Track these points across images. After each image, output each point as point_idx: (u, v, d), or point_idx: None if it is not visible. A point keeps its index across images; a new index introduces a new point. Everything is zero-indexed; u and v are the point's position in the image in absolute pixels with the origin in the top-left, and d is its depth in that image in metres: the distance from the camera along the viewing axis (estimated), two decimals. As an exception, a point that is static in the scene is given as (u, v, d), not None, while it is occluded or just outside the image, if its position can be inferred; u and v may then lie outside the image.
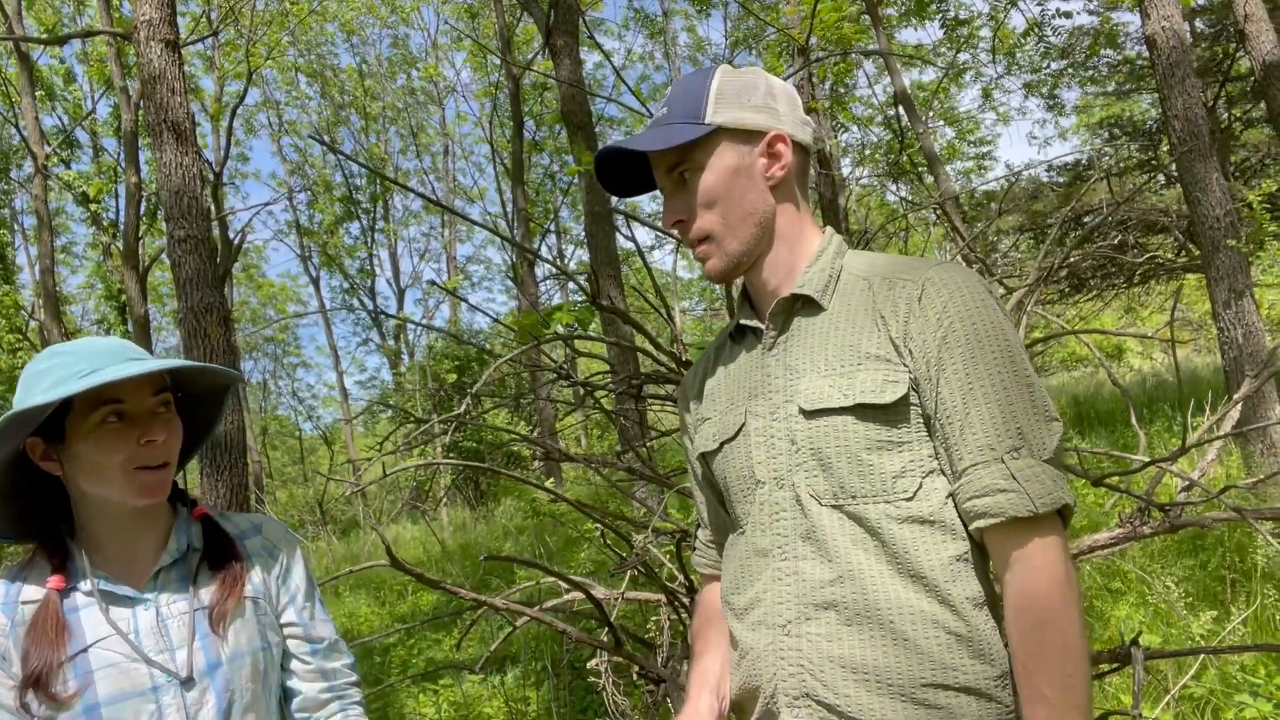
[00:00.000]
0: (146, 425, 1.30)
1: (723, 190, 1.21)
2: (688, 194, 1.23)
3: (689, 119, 1.21)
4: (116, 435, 1.28)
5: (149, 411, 1.32)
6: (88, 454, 1.28)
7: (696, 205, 1.22)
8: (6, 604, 1.28)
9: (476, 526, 12.50)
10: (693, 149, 1.21)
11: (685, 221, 1.24)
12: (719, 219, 1.22)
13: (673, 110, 1.24)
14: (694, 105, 1.22)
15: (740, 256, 1.23)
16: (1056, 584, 1.03)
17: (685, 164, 1.22)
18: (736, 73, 1.25)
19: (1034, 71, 14.76)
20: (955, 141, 19.30)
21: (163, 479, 1.32)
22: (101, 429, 1.28)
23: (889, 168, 13.66)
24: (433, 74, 25.74)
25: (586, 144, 7.29)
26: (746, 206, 1.22)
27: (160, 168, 5.23)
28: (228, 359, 5.18)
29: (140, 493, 1.30)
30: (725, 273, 1.25)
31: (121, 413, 1.29)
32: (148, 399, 1.32)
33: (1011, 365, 1.08)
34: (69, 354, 1.30)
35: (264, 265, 31.51)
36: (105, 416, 1.28)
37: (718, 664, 1.29)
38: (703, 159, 1.21)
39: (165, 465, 1.33)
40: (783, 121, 1.23)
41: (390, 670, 5.61)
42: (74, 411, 1.28)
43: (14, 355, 16.39)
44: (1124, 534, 2.52)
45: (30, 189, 13.95)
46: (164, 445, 1.32)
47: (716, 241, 1.23)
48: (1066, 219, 9.52)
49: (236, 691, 1.33)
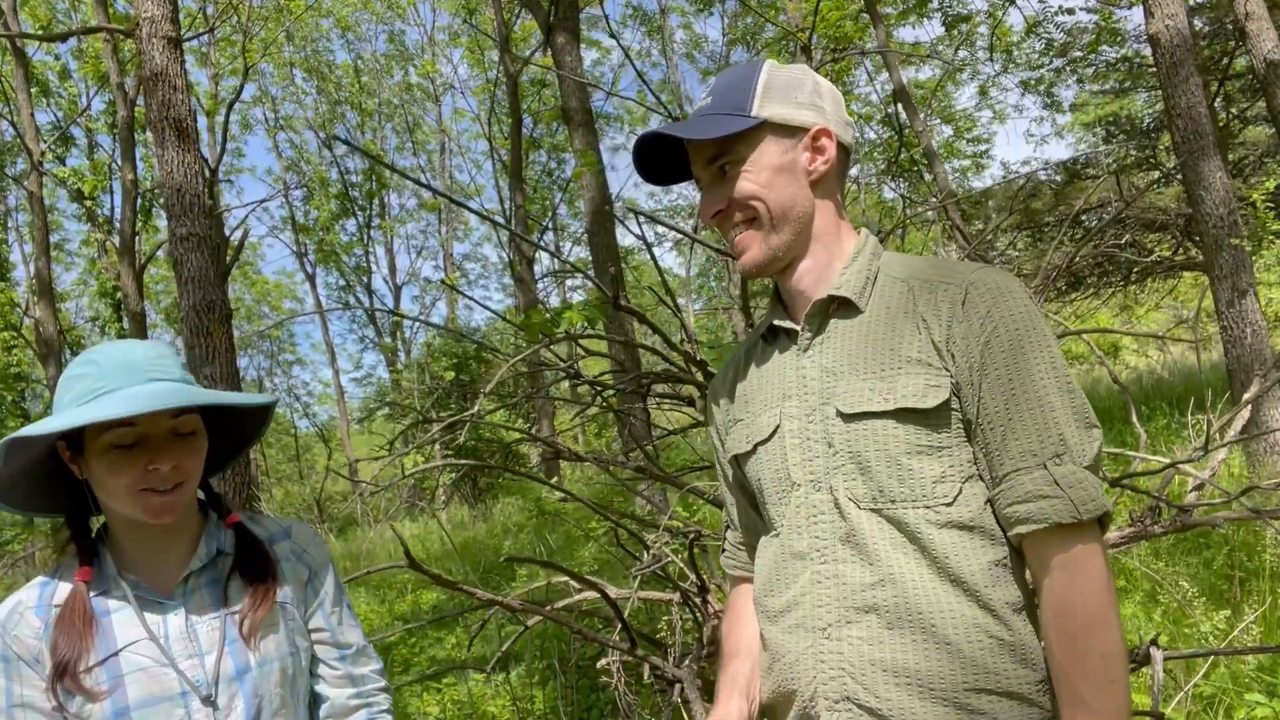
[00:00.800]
0: (157, 450, 1.27)
1: (765, 184, 1.19)
2: (728, 186, 1.21)
3: (734, 111, 1.19)
4: (125, 459, 1.25)
5: (165, 433, 1.28)
6: (98, 472, 1.27)
7: (738, 194, 1.20)
8: (40, 607, 1.28)
9: (475, 525, 12.50)
10: (736, 141, 1.19)
11: (724, 213, 1.22)
12: (764, 206, 1.20)
13: (717, 101, 1.21)
14: (740, 98, 1.20)
15: (779, 250, 1.22)
16: (1098, 591, 1.03)
17: (727, 156, 1.20)
18: (784, 68, 1.24)
19: (1032, 69, 14.78)
20: (953, 139, 19.32)
21: (170, 502, 1.29)
22: (111, 451, 1.25)
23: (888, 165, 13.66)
24: (430, 70, 25.68)
25: (587, 141, 7.27)
26: (788, 201, 1.20)
27: (162, 165, 5.20)
28: (229, 357, 5.16)
29: (146, 513, 1.28)
30: (762, 266, 1.23)
31: (133, 438, 1.26)
32: (164, 421, 1.28)
33: (1054, 371, 1.07)
34: (95, 365, 1.27)
35: (259, 262, 31.40)
36: (116, 441, 1.25)
37: (748, 666, 1.28)
38: (745, 152, 1.19)
39: (177, 487, 1.30)
40: (829, 119, 1.22)
41: (393, 669, 5.60)
42: (88, 429, 1.26)
43: (9, 353, 16.33)
44: (1135, 532, 2.52)
45: (25, 185, 13.88)
46: (173, 470, 1.28)
47: (760, 230, 1.21)
48: (1065, 218, 9.53)
49: (265, 697, 1.32)
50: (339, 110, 26.20)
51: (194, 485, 1.35)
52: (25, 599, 1.29)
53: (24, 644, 1.25)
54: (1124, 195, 3.75)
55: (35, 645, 1.25)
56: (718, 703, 1.25)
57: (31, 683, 1.24)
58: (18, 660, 1.25)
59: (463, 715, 4.51)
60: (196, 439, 1.34)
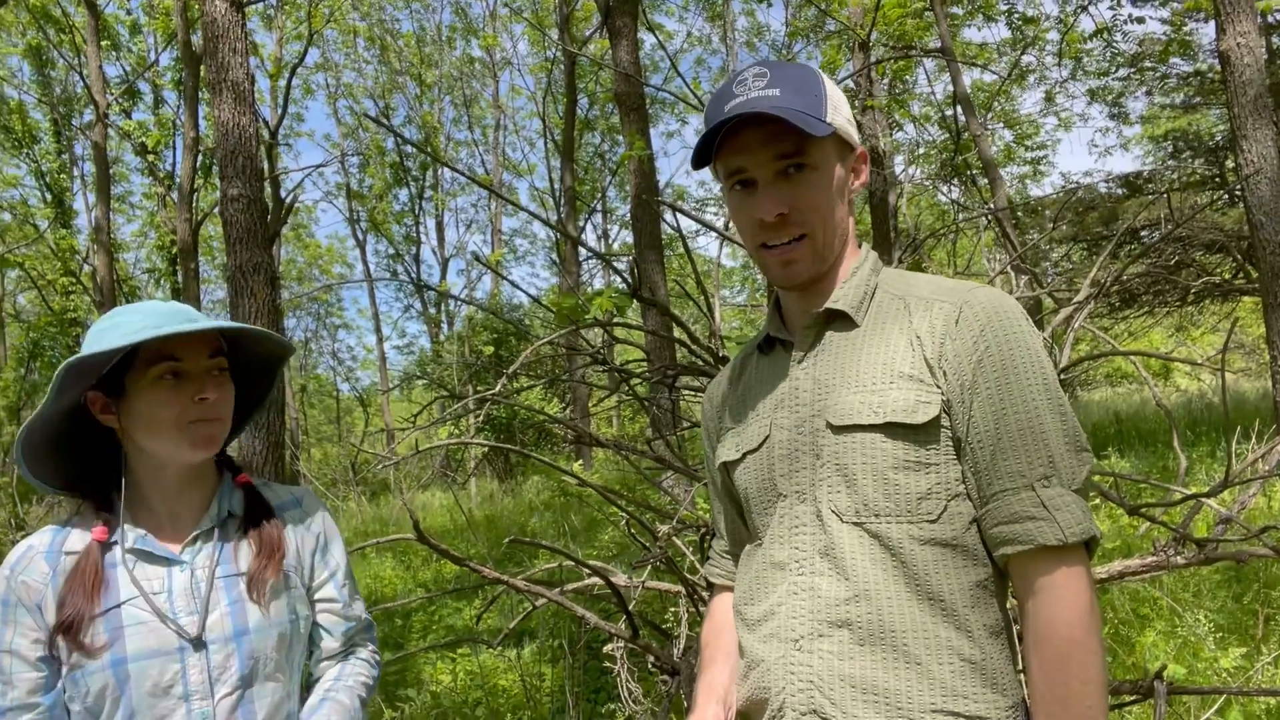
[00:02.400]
0: (201, 383, 1.35)
1: (829, 196, 1.17)
2: (793, 189, 1.15)
3: (810, 111, 1.13)
4: (172, 391, 1.33)
5: (204, 371, 1.37)
6: (144, 408, 1.33)
7: (804, 203, 1.16)
8: (50, 553, 1.32)
9: (503, 500, 12.62)
10: (815, 145, 1.15)
11: (787, 215, 1.16)
12: (822, 224, 1.17)
13: (787, 94, 1.13)
14: (813, 100, 1.14)
15: (824, 267, 1.20)
16: (1081, 615, 1.02)
17: (801, 155, 1.15)
18: (830, 81, 1.22)
19: (1100, 77, 14.40)
20: (1013, 145, 18.93)
21: (214, 431, 1.37)
22: (159, 384, 1.33)
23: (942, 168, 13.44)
24: (491, 44, 25.77)
25: (638, 128, 7.26)
26: (839, 217, 1.20)
27: (217, 127, 5.31)
28: (271, 318, 5.26)
29: (194, 444, 1.34)
30: (808, 280, 1.20)
31: (178, 371, 1.34)
32: (204, 360, 1.37)
33: (1046, 393, 1.07)
34: (133, 313, 1.35)
35: (313, 226, 31.91)
36: (163, 373, 1.33)
37: (726, 673, 1.29)
38: (818, 158, 1.16)
39: (219, 420, 1.38)
40: (858, 141, 1.23)
41: (410, 635, 5.70)
42: (134, 367, 1.33)
43: (66, 298, 16.82)
44: (1156, 562, 2.47)
45: (91, 136, 14.23)
46: (216, 403, 1.36)
47: (813, 245, 1.18)
48: (1124, 232, 9.30)
49: (260, 660, 1.36)
50: (399, 80, 26.41)
51: (228, 426, 1.42)
52: (37, 544, 1.34)
53: (30, 589, 1.29)
54: (1176, 214, 3.65)
55: (41, 590, 1.29)
56: (695, 708, 1.26)
57: (25, 630, 1.29)
58: (18, 605, 1.29)
59: (474, 686, 4.58)
60: (228, 382, 1.42)
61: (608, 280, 23.27)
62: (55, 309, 16.63)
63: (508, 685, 4.50)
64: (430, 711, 4.30)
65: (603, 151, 24.18)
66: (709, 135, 1.15)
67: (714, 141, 1.16)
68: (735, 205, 1.21)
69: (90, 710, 1.28)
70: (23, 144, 17.87)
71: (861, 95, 7.59)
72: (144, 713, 1.28)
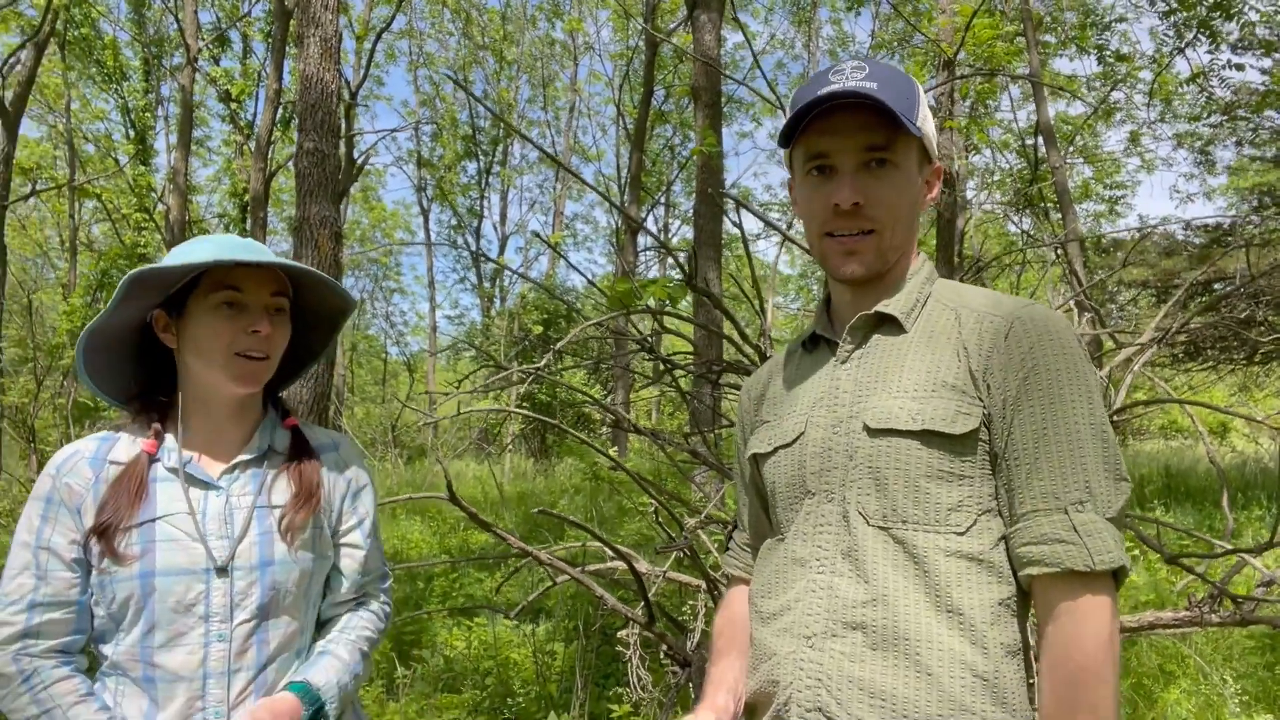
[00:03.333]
0: (256, 317, 1.39)
1: (906, 197, 1.18)
2: (875, 181, 1.16)
3: (904, 110, 1.13)
4: (228, 319, 1.38)
5: (263, 307, 1.41)
6: (199, 332, 1.38)
7: (882, 199, 1.16)
8: (95, 460, 1.37)
9: (536, 479, 12.73)
10: (904, 141, 1.16)
11: (862, 206, 1.16)
12: (893, 222, 1.17)
13: (884, 88, 1.13)
14: (907, 101, 1.15)
15: (883, 267, 1.20)
16: (1100, 644, 1.00)
17: (888, 151, 1.15)
18: (923, 91, 1.23)
19: (1191, 121, 14.00)
20: (1091, 181, 18.49)
21: (258, 370, 1.40)
22: (216, 311, 1.37)
23: (1016, 197, 13.19)
24: (575, 27, 25.88)
25: (711, 123, 7.24)
26: (911, 219, 1.21)
27: (301, 79, 5.41)
28: (333, 273, 5.37)
29: (236, 379, 1.39)
30: (868, 274, 1.20)
31: (237, 301, 1.38)
32: (265, 295, 1.41)
33: (1090, 417, 1.05)
34: (210, 241, 1.40)
35: (380, 189, 32.36)
36: (223, 300, 1.37)
37: (737, 666, 1.29)
38: (903, 157, 1.17)
39: (265, 359, 1.41)
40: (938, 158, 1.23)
41: (431, 598, 5.78)
42: (198, 290, 1.38)
43: (139, 233, 17.30)
44: (1189, 617, 2.41)
45: (178, 79, 14.61)
46: (267, 339, 1.40)
47: (880, 240, 1.18)
48: (1195, 282, 9.04)
49: (280, 592, 1.40)
50: (479, 55, 26.66)
51: (274, 365, 1.45)
52: (83, 449, 1.39)
53: (72, 491, 1.34)
54: (1254, 268, 3.54)
55: (82, 494, 1.34)
56: (704, 697, 1.26)
57: (63, 530, 1.33)
58: (60, 505, 1.34)
59: (486, 655, 4.63)
60: (285, 321, 1.46)
61: (664, 273, 23.26)
62: (126, 243, 17.11)
63: (520, 659, 4.54)
64: (442, 674, 4.36)
65: (673, 145, 24.16)
66: (802, 111, 1.14)
67: (804, 119, 1.15)
68: (809, 190, 1.21)
69: (113, 617, 1.33)
70: (113, 79, 18.38)
71: (941, 114, 7.48)
72: (164, 627, 1.32)
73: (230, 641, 1.35)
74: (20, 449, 11.37)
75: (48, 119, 19.32)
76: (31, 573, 1.31)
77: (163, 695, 1.32)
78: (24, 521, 1.35)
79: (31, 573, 1.31)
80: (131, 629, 1.32)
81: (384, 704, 3.92)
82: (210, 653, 1.33)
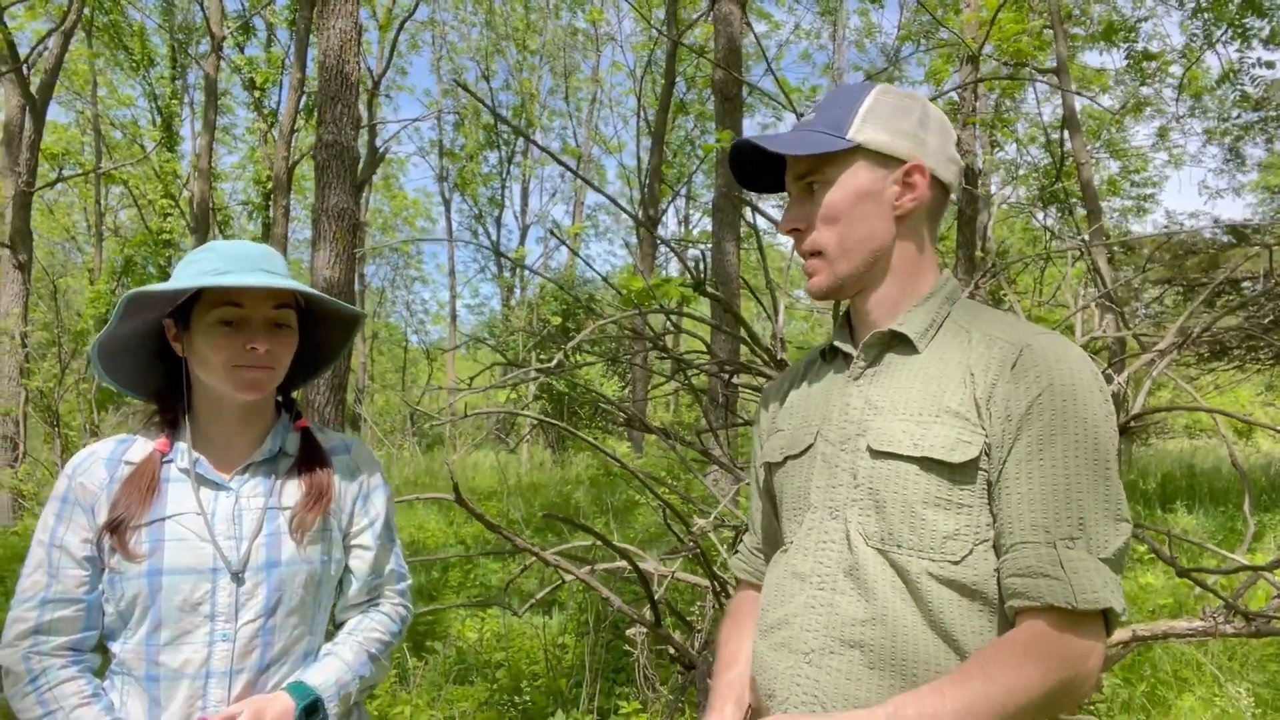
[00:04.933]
0: (255, 332, 1.39)
1: (846, 210, 1.17)
2: (811, 205, 1.19)
3: (831, 130, 1.17)
4: (226, 336, 1.38)
5: (265, 320, 1.41)
6: (200, 346, 1.39)
7: (817, 219, 1.19)
8: (111, 460, 1.40)
9: (553, 469, 12.78)
10: (826, 161, 1.18)
11: (802, 231, 1.21)
12: (835, 238, 1.18)
13: (819, 118, 1.20)
14: (840, 117, 1.18)
15: (846, 280, 1.20)
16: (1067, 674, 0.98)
17: (815, 175, 1.19)
18: (895, 94, 1.20)
19: (1221, 119, 13.78)
20: (1118, 177, 18.25)
21: (261, 379, 1.40)
22: (215, 327, 1.38)
23: (1040, 193, 13.04)
24: (596, 18, 25.82)
25: (730, 119, 7.20)
26: (865, 231, 1.18)
27: (321, 72, 5.43)
28: (349, 264, 5.39)
29: (239, 387, 1.39)
30: (827, 293, 1.22)
31: (236, 318, 1.38)
32: (266, 309, 1.41)
33: (1093, 454, 1.03)
34: (215, 253, 1.40)
35: (402, 178, 32.50)
36: (221, 317, 1.38)
37: (745, 676, 1.28)
38: (834, 174, 1.17)
39: (269, 369, 1.41)
40: (928, 154, 1.18)
41: (446, 589, 5.83)
42: (200, 304, 1.39)
43: (164, 219, 17.47)
44: (1204, 628, 2.39)
45: (204, 66, 14.71)
46: (267, 354, 1.40)
47: (827, 260, 1.19)
48: (1222, 282, 8.91)
49: (286, 593, 1.41)
50: (502, 45, 26.66)
51: (281, 374, 1.45)
52: (100, 450, 1.41)
53: (87, 490, 1.37)
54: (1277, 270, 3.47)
55: (96, 494, 1.37)
56: (711, 710, 1.26)
57: (77, 528, 1.36)
58: (75, 504, 1.37)
59: (498, 647, 4.66)
60: (289, 333, 1.45)
61: (682, 266, 23.18)
62: (152, 229, 17.29)
63: (531, 650, 4.57)
64: (454, 666, 4.39)
65: (694, 137, 24.07)
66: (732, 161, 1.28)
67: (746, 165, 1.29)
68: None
69: (122, 615, 1.35)
70: (140, 66, 18.54)
71: (965, 109, 7.40)
72: (170, 625, 1.33)
73: (234, 641, 1.36)
74: (45, 433, 11.53)
75: (76, 105, 19.55)
76: (45, 570, 1.34)
77: (165, 693, 1.33)
78: (41, 521, 1.38)
79: (45, 570, 1.34)
80: (138, 627, 1.34)
81: (395, 694, 3.95)
82: (214, 652, 1.35)
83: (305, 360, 1.59)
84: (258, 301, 1.40)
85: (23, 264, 9.53)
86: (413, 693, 3.94)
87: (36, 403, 10.27)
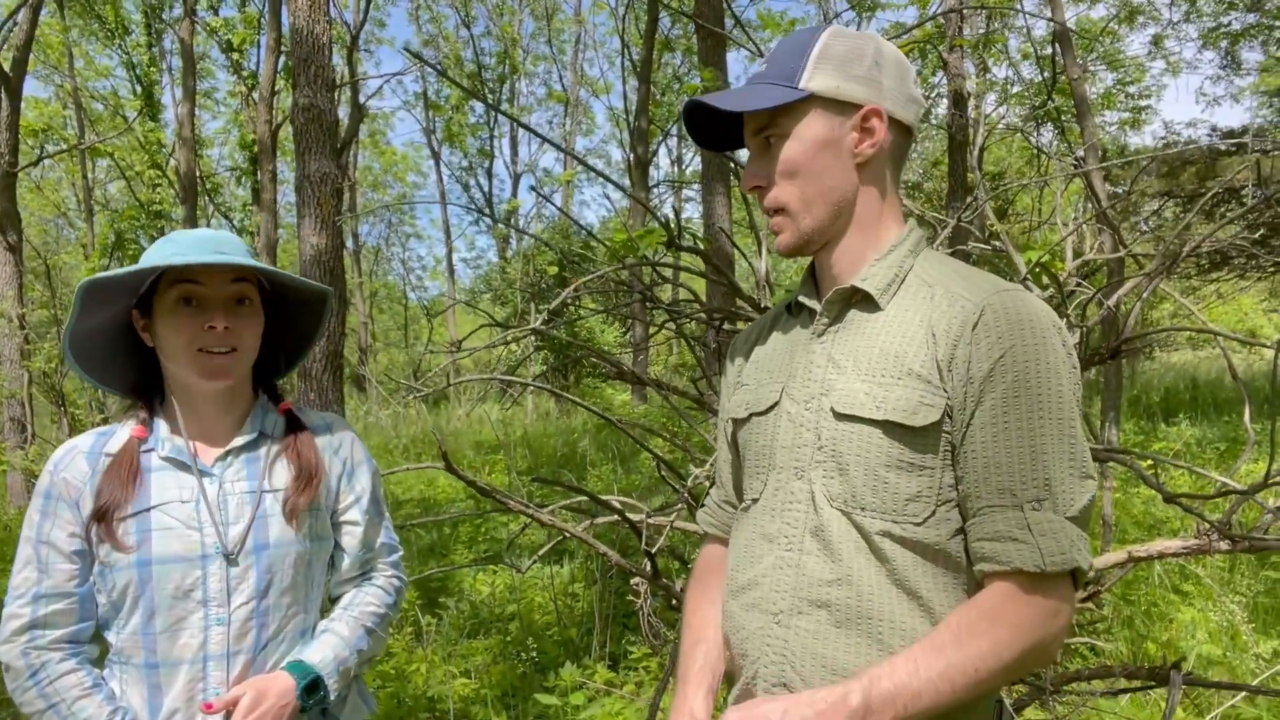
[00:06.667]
0: (214, 310, 1.39)
1: (805, 162, 1.15)
2: (770, 160, 1.17)
3: (783, 81, 1.14)
4: (187, 316, 1.38)
5: (224, 298, 1.40)
6: (163, 331, 1.40)
7: (776, 174, 1.17)
8: (91, 454, 1.41)
9: (558, 419, 12.85)
10: (781, 114, 1.15)
11: (764, 188, 1.19)
12: (797, 192, 1.16)
13: (770, 69, 1.17)
14: (791, 67, 1.15)
15: (812, 235, 1.18)
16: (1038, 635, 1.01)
17: (771, 129, 1.16)
18: (846, 36, 1.16)
19: (1217, 19, 13.45)
20: (1113, 89, 17.89)
21: (224, 364, 1.40)
22: (175, 308, 1.38)
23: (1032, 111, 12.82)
24: (575, -44, 25.21)
25: (715, 53, 7.07)
26: (827, 182, 1.15)
27: (292, 34, 5.33)
28: (334, 230, 5.36)
29: (203, 374, 1.40)
30: (794, 249, 1.20)
31: (194, 296, 1.38)
32: (225, 286, 1.41)
33: (1057, 413, 1.02)
34: (173, 241, 1.40)
35: (389, 133, 32.07)
36: (179, 296, 1.38)
37: (714, 654, 1.27)
38: (789, 126, 1.15)
39: (231, 352, 1.41)
40: (885, 96, 1.14)
41: (457, 545, 5.91)
42: (159, 290, 1.39)
43: (153, 190, 17.32)
44: (1197, 545, 2.42)
45: (178, 31, 14.43)
46: (228, 333, 1.40)
47: (791, 216, 1.18)
48: (1219, 192, 8.81)
49: (277, 575, 1.43)
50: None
51: (248, 357, 1.45)
52: (80, 444, 1.43)
53: (70, 485, 1.38)
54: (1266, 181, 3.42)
55: (79, 488, 1.38)
56: (684, 695, 1.25)
57: (62, 524, 1.38)
58: (59, 499, 1.38)
59: (510, 599, 4.75)
60: (251, 310, 1.45)
61: (677, 207, 22.99)
62: (142, 200, 17.14)
63: (543, 602, 4.65)
64: (467, 620, 4.48)
65: (681, 74, 23.64)
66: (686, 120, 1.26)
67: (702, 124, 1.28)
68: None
69: (115, 605, 1.38)
70: (115, 35, 18.18)
71: (951, 32, 7.25)
72: (163, 613, 1.36)
73: (229, 625, 1.39)
74: (51, 413, 11.61)
75: (54, 79, 19.22)
76: (34, 567, 1.36)
77: (165, 679, 1.37)
78: (27, 517, 1.39)
79: (34, 567, 1.36)
80: (131, 616, 1.37)
81: (411, 651, 4.04)
82: (210, 636, 1.38)
83: (285, 345, 1.59)
84: (215, 279, 1.40)
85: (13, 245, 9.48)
86: (428, 649, 4.03)
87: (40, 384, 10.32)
